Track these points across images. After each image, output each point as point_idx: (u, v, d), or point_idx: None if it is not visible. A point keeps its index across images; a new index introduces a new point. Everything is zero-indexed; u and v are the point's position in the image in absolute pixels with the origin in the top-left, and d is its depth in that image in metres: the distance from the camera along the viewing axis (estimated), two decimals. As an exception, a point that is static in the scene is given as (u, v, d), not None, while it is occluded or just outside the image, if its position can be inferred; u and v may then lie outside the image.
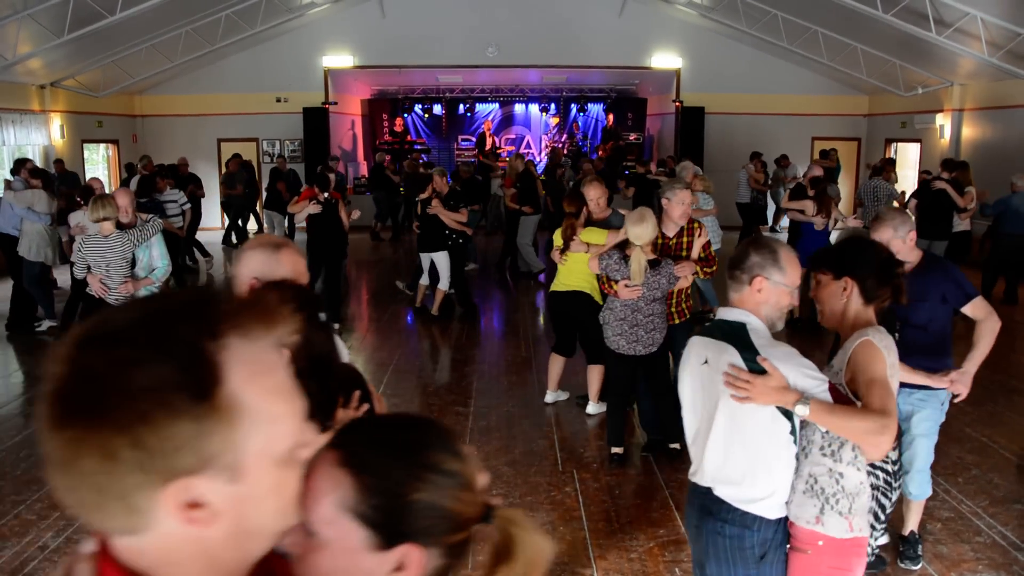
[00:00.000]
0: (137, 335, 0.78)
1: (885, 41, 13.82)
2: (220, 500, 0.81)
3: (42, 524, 4.60)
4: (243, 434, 0.80)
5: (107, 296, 5.92)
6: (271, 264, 2.25)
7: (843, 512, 2.47)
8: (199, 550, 0.83)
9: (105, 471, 0.78)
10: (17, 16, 10.93)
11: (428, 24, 16.84)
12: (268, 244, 2.33)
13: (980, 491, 5.05)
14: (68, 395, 0.78)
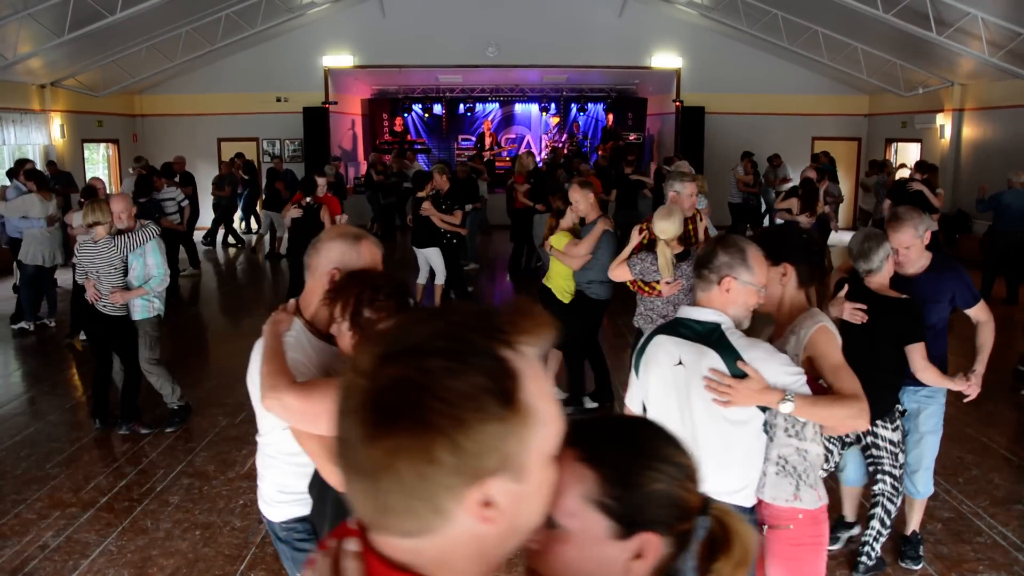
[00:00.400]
0: (441, 347, 0.84)
1: (885, 41, 13.81)
2: (505, 499, 0.86)
3: (42, 523, 4.60)
4: (531, 435, 0.87)
5: (98, 303, 5.80)
6: (351, 254, 2.32)
7: (813, 484, 2.60)
8: (476, 548, 0.88)
9: (421, 475, 0.82)
10: (17, 16, 10.92)
11: (428, 24, 16.84)
12: (348, 235, 2.39)
13: (980, 491, 5.05)
14: (386, 406, 0.83)
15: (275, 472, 2.49)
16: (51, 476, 5.26)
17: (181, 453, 5.64)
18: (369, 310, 2.14)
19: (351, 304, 2.15)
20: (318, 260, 2.35)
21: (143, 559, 4.21)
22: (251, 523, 4.60)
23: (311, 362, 2.29)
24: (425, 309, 0.93)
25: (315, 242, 2.40)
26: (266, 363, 2.20)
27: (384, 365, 0.84)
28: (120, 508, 4.79)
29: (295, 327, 2.35)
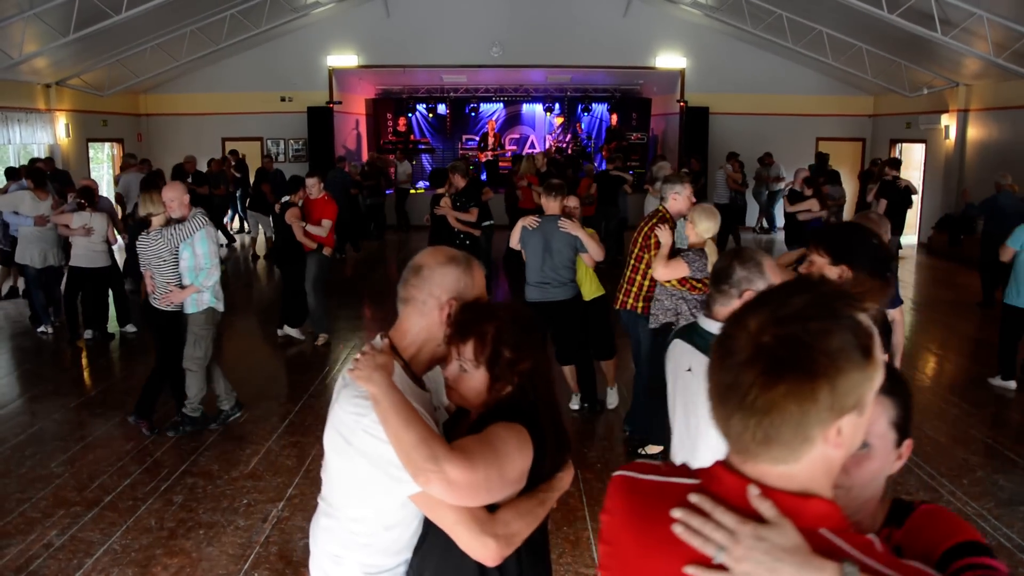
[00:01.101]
0: (816, 313, 1.08)
1: (890, 41, 13.79)
2: (850, 429, 1.11)
3: (47, 522, 4.61)
4: (876, 380, 1.11)
5: (152, 295, 5.75)
6: (466, 281, 1.98)
7: None
8: (826, 468, 1.13)
9: (804, 412, 1.06)
10: (23, 15, 10.95)
11: (432, 24, 16.85)
12: (459, 258, 2.02)
13: (985, 493, 5.04)
14: (780, 358, 1.06)
15: (364, 553, 1.97)
16: (55, 475, 5.27)
17: (185, 452, 5.65)
18: (510, 350, 1.86)
19: (490, 341, 1.86)
20: (427, 288, 1.95)
21: (147, 558, 4.22)
22: (255, 522, 4.60)
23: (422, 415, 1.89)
24: (792, 283, 1.15)
25: (416, 267, 1.99)
26: (405, 429, 1.74)
27: (773, 327, 1.07)
28: (124, 507, 4.80)
29: (395, 371, 1.88)
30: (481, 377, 1.87)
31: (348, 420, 1.86)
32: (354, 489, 1.93)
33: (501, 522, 1.80)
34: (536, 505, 1.87)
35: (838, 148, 17.47)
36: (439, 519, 1.83)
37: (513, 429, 1.81)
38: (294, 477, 5.23)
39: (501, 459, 1.76)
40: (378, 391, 1.78)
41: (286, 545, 4.35)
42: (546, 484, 1.90)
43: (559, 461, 1.92)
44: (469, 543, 1.80)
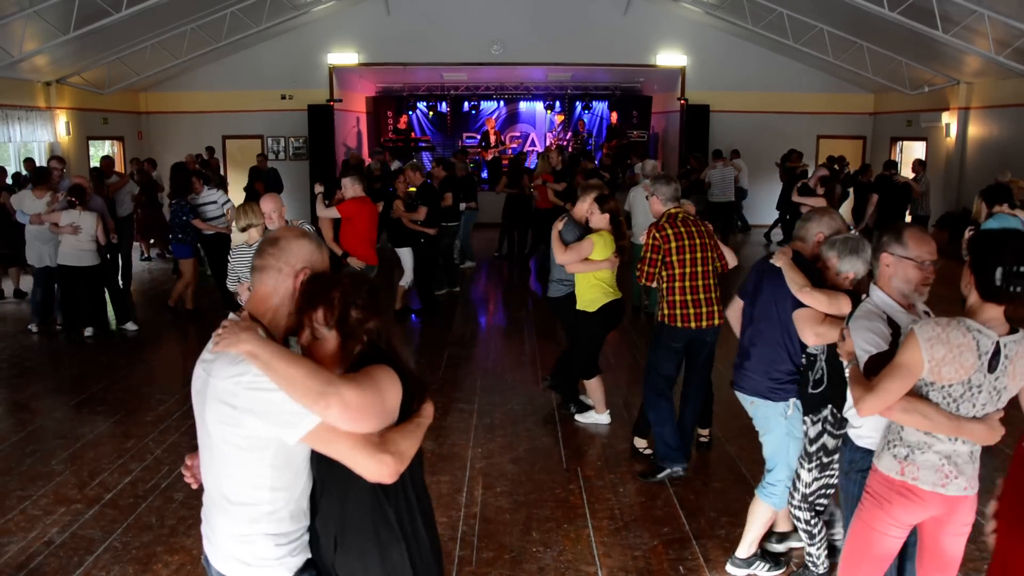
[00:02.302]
0: None
1: (891, 39, 13.78)
2: None
3: (48, 519, 4.61)
4: None
5: None
6: (318, 256, 2.19)
7: (898, 456, 2.82)
8: None
9: None
10: (23, 13, 10.94)
11: (433, 21, 16.85)
12: (309, 234, 2.23)
13: (985, 491, 5.02)
14: None
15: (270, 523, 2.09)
16: (56, 472, 5.27)
17: (185, 450, 5.64)
18: (356, 311, 2.04)
19: (338, 307, 2.03)
20: (283, 258, 2.13)
21: (148, 555, 4.22)
22: (255, 520, 4.60)
23: None
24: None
25: (274, 239, 2.19)
26: (293, 366, 1.88)
27: None
28: (125, 504, 4.81)
29: (260, 333, 2.02)
30: (334, 340, 2.05)
31: (228, 385, 1.97)
32: (242, 458, 2.03)
33: (391, 441, 1.98)
34: (415, 427, 2.09)
35: (839, 146, 17.46)
36: (335, 450, 1.97)
37: (382, 367, 2.02)
38: (294, 475, 5.22)
39: (380, 387, 1.96)
40: (252, 346, 1.92)
41: (287, 542, 4.35)
42: (415, 414, 2.12)
43: (420, 397, 2.16)
44: (367, 464, 1.96)
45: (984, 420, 2.70)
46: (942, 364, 2.60)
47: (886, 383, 2.67)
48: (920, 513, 2.82)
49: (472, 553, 4.23)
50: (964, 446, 2.75)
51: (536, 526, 4.52)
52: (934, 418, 2.67)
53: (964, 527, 2.84)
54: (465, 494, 4.93)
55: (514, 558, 4.18)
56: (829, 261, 3.65)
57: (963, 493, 2.78)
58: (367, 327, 2.07)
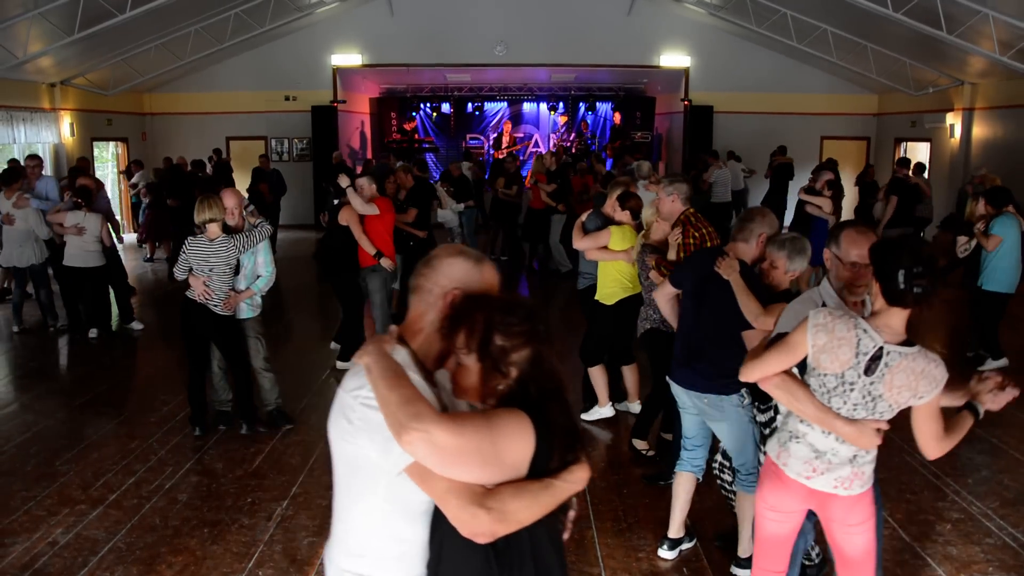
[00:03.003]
0: None
1: (895, 40, 13.75)
2: None
3: (52, 520, 4.62)
4: None
5: (209, 301, 5.66)
6: (474, 275, 1.98)
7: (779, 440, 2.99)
8: None
9: None
10: (28, 15, 10.97)
11: (436, 23, 16.85)
12: (469, 253, 2.03)
13: (990, 492, 5.02)
14: None
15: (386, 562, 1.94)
16: (60, 473, 5.28)
17: (190, 451, 5.65)
18: (501, 337, 1.81)
19: (479, 329, 1.82)
20: (433, 278, 1.97)
21: (152, 556, 4.22)
22: (259, 521, 4.61)
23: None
24: None
25: (428, 258, 2.02)
26: (393, 389, 1.73)
27: None
28: (129, 505, 4.81)
29: (400, 356, 1.89)
30: (476, 368, 1.83)
31: (348, 399, 1.85)
32: (356, 481, 1.89)
33: (496, 496, 1.74)
34: (540, 489, 1.78)
35: (843, 147, 17.46)
36: (430, 488, 1.78)
37: (514, 413, 1.78)
38: (298, 476, 5.23)
39: (496, 435, 1.73)
40: (370, 359, 1.80)
41: (290, 544, 4.35)
42: (553, 475, 1.82)
43: (570, 458, 1.85)
44: (459, 514, 1.74)
45: (856, 423, 2.70)
46: (821, 352, 2.69)
47: (769, 355, 2.82)
48: (788, 500, 2.91)
49: (476, 554, 4.22)
50: (845, 448, 2.78)
51: (540, 527, 4.51)
52: (801, 400, 2.76)
53: (852, 526, 2.87)
54: (469, 495, 4.92)
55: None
56: (777, 260, 3.80)
57: (832, 491, 2.82)
58: (512, 358, 1.82)
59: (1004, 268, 7.39)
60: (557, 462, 1.82)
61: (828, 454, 2.80)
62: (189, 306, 5.72)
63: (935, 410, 2.67)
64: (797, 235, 3.92)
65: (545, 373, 1.85)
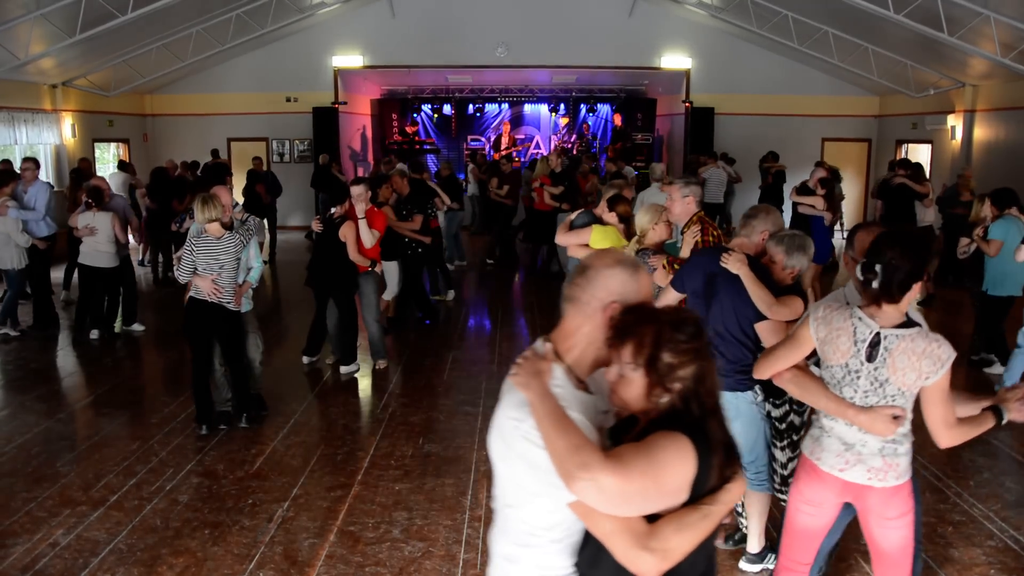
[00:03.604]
0: None
1: (896, 42, 13.75)
2: None
3: (53, 521, 4.62)
4: None
5: (221, 298, 5.76)
6: (631, 285, 1.94)
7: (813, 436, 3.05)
8: None
9: None
10: (30, 16, 10.99)
11: (438, 24, 16.86)
12: (626, 262, 1.99)
13: (992, 495, 5.02)
14: None
15: (536, 552, 1.95)
16: (61, 474, 5.28)
17: (191, 452, 5.65)
18: (670, 354, 1.80)
19: (648, 344, 1.80)
20: (590, 290, 1.93)
21: (152, 557, 4.22)
22: (260, 522, 4.61)
23: (587, 419, 1.86)
24: None
25: (583, 267, 1.98)
26: (559, 435, 1.74)
27: None
28: (130, 506, 4.81)
29: (557, 375, 1.90)
30: (640, 383, 1.82)
31: (508, 427, 1.87)
32: (519, 492, 1.92)
33: (659, 536, 1.76)
34: (699, 519, 1.80)
35: (844, 149, 17.44)
36: (595, 528, 1.80)
37: (674, 439, 1.77)
38: (299, 477, 5.23)
39: (658, 469, 1.73)
40: (534, 397, 1.80)
41: (291, 545, 4.35)
42: (711, 497, 1.82)
43: (727, 474, 1.86)
44: (624, 556, 1.77)
45: (869, 411, 2.74)
46: (823, 344, 2.79)
47: (778, 350, 2.95)
48: (824, 494, 2.94)
49: (477, 556, 4.22)
50: (872, 439, 2.82)
51: (541, 529, 4.51)
52: (813, 392, 2.84)
53: (889, 519, 2.87)
54: (470, 497, 4.93)
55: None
56: (776, 256, 3.85)
57: (866, 483, 2.84)
58: (678, 375, 1.81)
59: (1009, 272, 7.30)
60: (716, 480, 1.83)
61: (857, 445, 2.83)
62: (197, 306, 5.81)
63: (943, 393, 2.68)
64: (798, 232, 3.95)
65: (707, 390, 1.85)
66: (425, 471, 5.32)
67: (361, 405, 6.80)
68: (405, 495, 4.95)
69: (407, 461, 5.48)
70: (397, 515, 4.68)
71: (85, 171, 11.63)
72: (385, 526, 4.55)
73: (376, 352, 7.68)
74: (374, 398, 6.89)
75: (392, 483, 5.12)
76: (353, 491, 5.01)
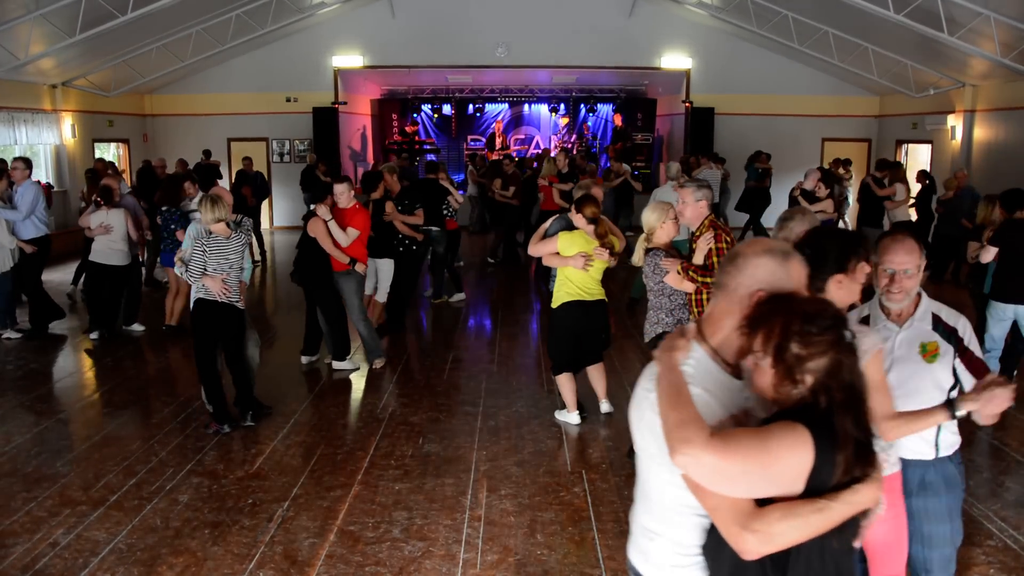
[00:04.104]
0: None
1: (896, 42, 13.75)
2: None
3: (53, 521, 4.62)
4: None
5: (230, 297, 5.83)
6: (780, 274, 1.94)
7: None
8: None
9: None
10: (30, 16, 10.99)
11: (438, 24, 16.87)
12: (776, 250, 1.99)
13: (992, 495, 5.02)
14: None
15: (674, 530, 1.99)
16: (61, 474, 5.28)
17: (191, 452, 5.65)
18: (798, 345, 1.77)
19: (776, 335, 1.79)
20: (739, 278, 1.95)
21: (152, 557, 4.22)
22: (260, 522, 4.61)
23: (715, 399, 1.90)
24: None
25: (733, 255, 2.01)
26: (672, 408, 1.81)
27: None
28: (130, 506, 4.81)
29: (696, 354, 1.96)
30: (771, 372, 1.81)
31: (641, 395, 1.98)
32: (650, 463, 1.99)
33: (763, 519, 1.75)
34: (811, 511, 1.76)
35: (844, 149, 17.45)
36: (702, 500, 1.83)
37: (791, 428, 1.75)
38: (299, 477, 5.23)
39: (765, 454, 1.72)
40: (661, 370, 1.90)
41: (291, 545, 4.35)
42: (833, 494, 1.77)
43: (856, 475, 1.79)
44: (726, 532, 1.79)
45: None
46: None
47: None
48: None
49: (477, 556, 4.22)
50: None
51: (541, 529, 4.51)
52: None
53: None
54: (470, 497, 4.93)
55: (519, 561, 4.17)
56: None
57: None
58: (808, 366, 1.77)
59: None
60: (841, 477, 1.78)
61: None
62: (207, 307, 5.85)
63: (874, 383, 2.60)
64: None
65: (841, 384, 1.79)
66: (425, 471, 5.32)
67: (361, 405, 6.80)
68: (405, 495, 4.95)
69: (407, 461, 5.48)
70: (397, 515, 4.68)
71: (100, 172, 11.56)
72: (385, 526, 4.55)
73: (371, 352, 7.67)
74: (374, 398, 6.89)
75: (392, 483, 5.12)
76: (353, 491, 5.01)
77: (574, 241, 5.75)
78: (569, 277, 5.82)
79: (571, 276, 5.81)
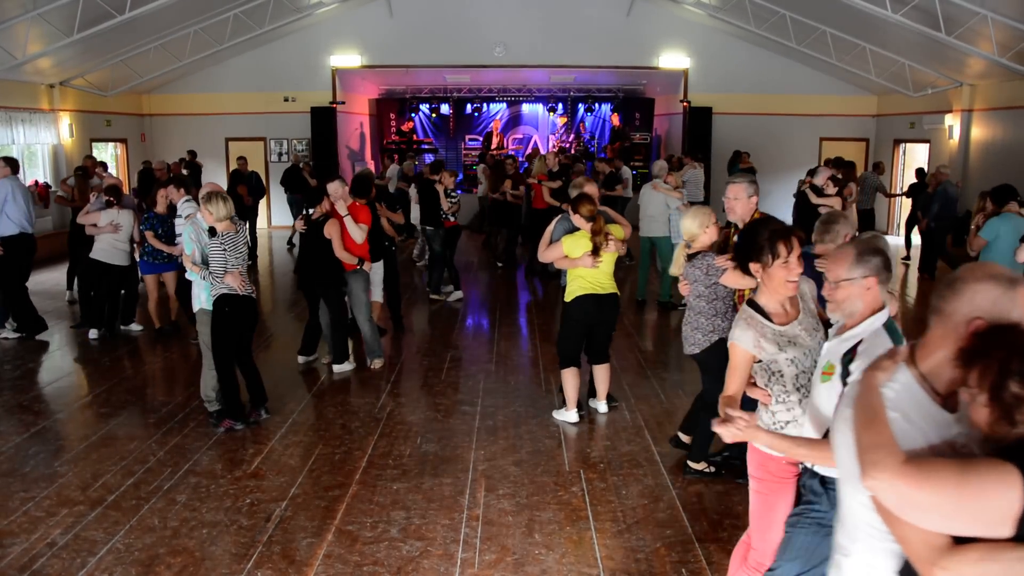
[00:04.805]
0: None
1: (894, 41, 13.77)
2: None
3: (50, 521, 4.61)
4: None
5: (247, 289, 5.89)
6: (1004, 302, 1.80)
7: None
8: None
9: None
10: (27, 16, 10.98)
11: (436, 24, 16.87)
12: (1000, 276, 1.84)
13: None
14: None
15: (868, 552, 1.97)
16: (59, 474, 5.28)
17: (188, 452, 5.65)
18: (1019, 385, 1.60)
19: (994, 372, 1.63)
20: (956, 304, 1.84)
21: (150, 557, 4.22)
22: (258, 522, 4.61)
23: (914, 427, 1.79)
24: None
25: (952, 279, 1.88)
26: (866, 429, 1.75)
27: None
28: (128, 506, 4.81)
29: (901, 378, 1.87)
30: (985, 410, 1.67)
31: (840, 412, 1.99)
32: (847, 483, 1.99)
33: (958, 557, 1.63)
34: (1016, 559, 1.58)
35: (842, 148, 17.43)
36: (892, 529, 1.78)
37: (1000, 467, 1.59)
38: (297, 476, 5.23)
39: (963, 489, 1.60)
40: (861, 389, 1.88)
41: (289, 544, 4.35)
42: None
43: None
44: (915, 564, 1.74)
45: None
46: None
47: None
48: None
49: (475, 555, 4.23)
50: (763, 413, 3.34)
51: (538, 528, 4.52)
52: None
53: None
54: (467, 496, 4.93)
55: (516, 560, 4.17)
56: None
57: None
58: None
59: None
60: None
61: None
62: (233, 302, 5.88)
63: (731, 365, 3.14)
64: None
65: None
66: (423, 471, 5.32)
67: (359, 405, 6.80)
68: (403, 494, 4.95)
69: (405, 460, 5.48)
70: (395, 514, 4.68)
71: (91, 169, 11.52)
72: (383, 525, 4.55)
73: (372, 351, 7.67)
74: (372, 398, 6.89)
75: (390, 482, 5.12)
76: (351, 490, 5.01)
77: (578, 242, 5.79)
78: (580, 273, 5.88)
79: (582, 272, 5.86)
